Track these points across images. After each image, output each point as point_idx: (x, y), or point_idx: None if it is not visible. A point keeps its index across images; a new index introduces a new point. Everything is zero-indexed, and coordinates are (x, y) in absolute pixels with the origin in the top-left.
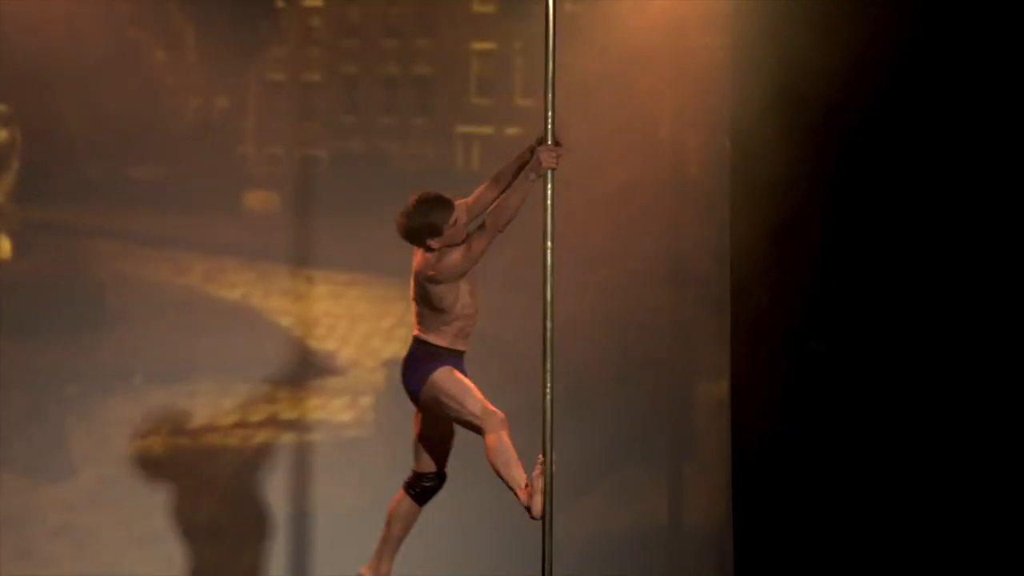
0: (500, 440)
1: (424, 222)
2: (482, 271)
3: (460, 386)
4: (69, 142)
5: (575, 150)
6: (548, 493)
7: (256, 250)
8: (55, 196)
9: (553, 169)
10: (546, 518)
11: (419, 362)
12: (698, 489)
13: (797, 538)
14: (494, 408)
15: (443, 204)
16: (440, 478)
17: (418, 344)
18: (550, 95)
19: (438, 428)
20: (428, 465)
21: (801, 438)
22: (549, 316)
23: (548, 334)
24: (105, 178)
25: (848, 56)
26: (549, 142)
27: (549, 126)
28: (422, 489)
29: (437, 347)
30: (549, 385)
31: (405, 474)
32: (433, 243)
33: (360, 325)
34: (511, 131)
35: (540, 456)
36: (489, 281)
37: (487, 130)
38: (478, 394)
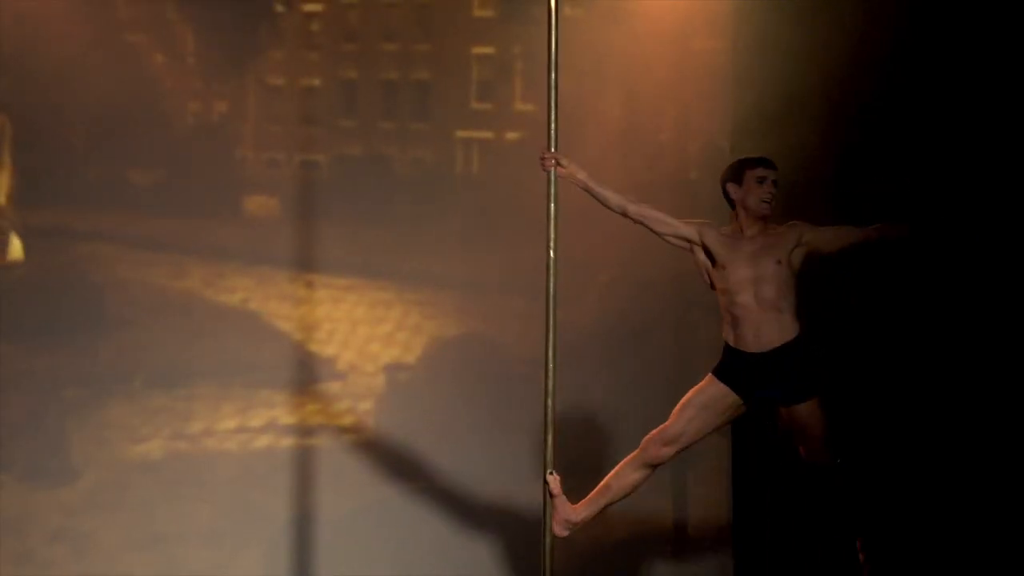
0: (627, 471)
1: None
2: (484, 274)
3: (690, 398)
4: (68, 146)
5: (575, 154)
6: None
7: (255, 254)
8: (54, 200)
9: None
10: (545, 521)
11: None
12: (698, 490)
13: (796, 539)
14: (666, 452)
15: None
16: (825, 468)
17: None
18: (552, 100)
19: (793, 421)
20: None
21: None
22: (551, 320)
23: (550, 338)
24: (104, 182)
25: (849, 61)
26: (552, 148)
27: (552, 131)
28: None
29: (725, 344)
30: (551, 388)
31: (405, 477)
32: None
33: (360, 330)
34: (511, 136)
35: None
36: (489, 284)
37: (487, 135)
38: (682, 420)
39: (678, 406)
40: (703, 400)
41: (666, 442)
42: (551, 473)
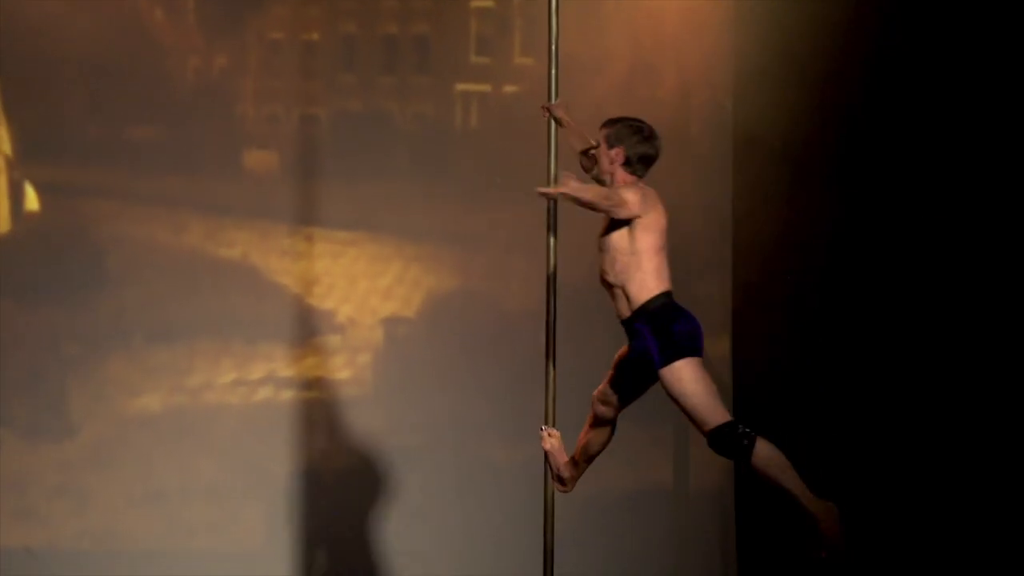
0: (588, 430)
1: None
2: (483, 229)
3: (615, 359)
4: (68, 102)
5: (575, 108)
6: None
7: (255, 209)
8: (54, 156)
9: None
10: (546, 476)
11: None
12: (700, 448)
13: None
14: (603, 410)
15: None
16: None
17: None
18: (553, 51)
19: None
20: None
21: (801, 396)
22: (551, 278)
23: (550, 293)
24: (105, 138)
25: (851, 15)
26: (553, 100)
27: (552, 83)
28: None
29: None
30: (551, 346)
31: (403, 432)
32: None
33: (359, 284)
34: (510, 89)
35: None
36: (490, 244)
37: (486, 88)
38: (607, 378)
39: None
40: (617, 360)
41: (601, 400)
42: (542, 428)
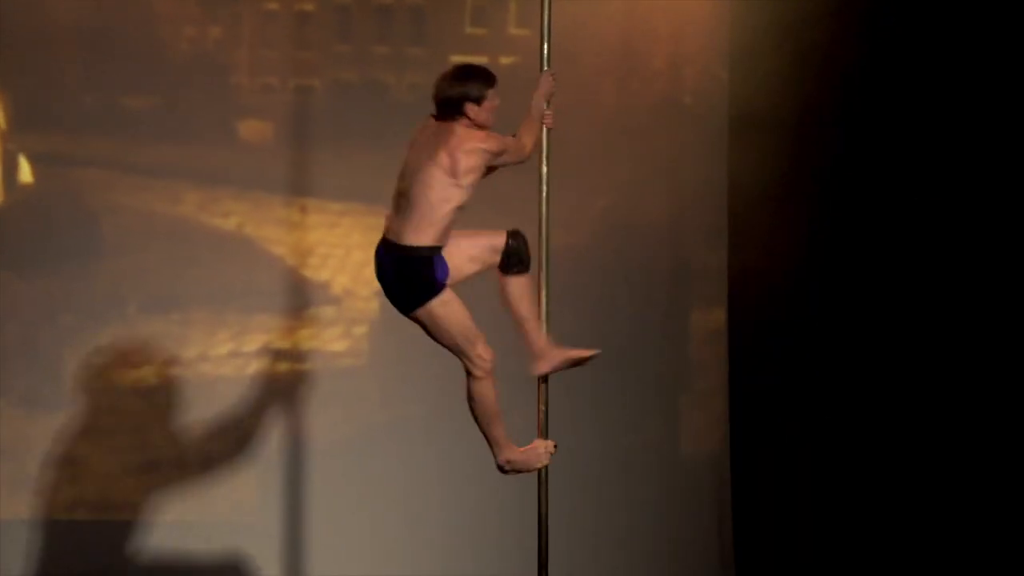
0: (488, 387)
1: (464, 90)
2: (478, 200)
3: (462, 314)
4: (62, 72)
5: (570, 79)
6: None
7: (250, 180)
8: (48, 126)
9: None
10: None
11: (423, 273)
12: (696, 417)
13: (794, 464)
14: (486, 348)
15: (484, 75)
16: None
17: (411, 249)
18: (546, 23)
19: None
20: None
21: (797, 366)
22: (544, 245)
23: (544, 264)
24: (99, 108)
25: None
26: (545, 68)
27: (545, 53)
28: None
29: (432, 249)
30: (544, 316)
31: (399, 404)
32: (472, 113)
33: (354, 255)
34: (505, 60)
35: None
36: (482, 207)
37: (481, 59)
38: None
39: (460, 325)
40: None
41: None
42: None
